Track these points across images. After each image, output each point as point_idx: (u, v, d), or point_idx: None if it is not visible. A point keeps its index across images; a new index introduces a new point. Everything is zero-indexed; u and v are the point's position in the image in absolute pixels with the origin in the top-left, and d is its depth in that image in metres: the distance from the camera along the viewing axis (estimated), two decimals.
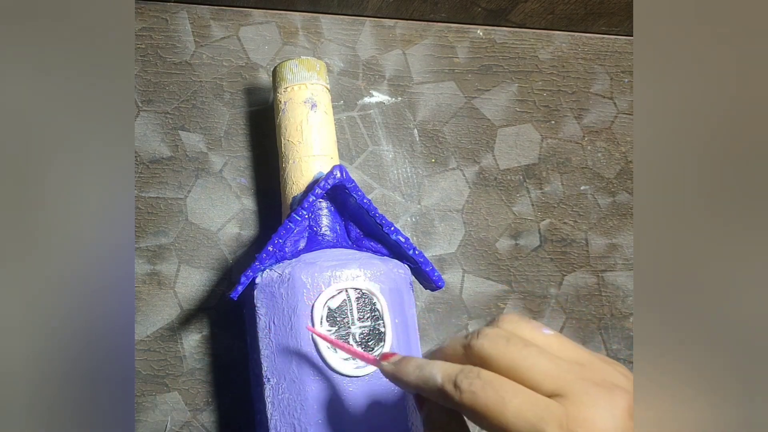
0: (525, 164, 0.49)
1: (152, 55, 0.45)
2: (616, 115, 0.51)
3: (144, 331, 0.41)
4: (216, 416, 0.41)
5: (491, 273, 0.46)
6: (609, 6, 0.49)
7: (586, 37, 0.53)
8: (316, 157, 0.37)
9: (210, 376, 0.41)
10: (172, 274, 0.42)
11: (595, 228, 0.49)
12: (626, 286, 0.48)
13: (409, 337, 0.35)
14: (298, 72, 0.38)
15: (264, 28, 0.47)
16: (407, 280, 0.36)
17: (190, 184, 0.43)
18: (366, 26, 0.49)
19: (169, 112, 0.44)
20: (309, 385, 0.32)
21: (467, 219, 0.47)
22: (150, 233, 0.42)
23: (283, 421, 0.33)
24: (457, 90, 0.49)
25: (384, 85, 0.48)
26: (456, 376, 0.23)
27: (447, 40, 0.50)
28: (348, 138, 0.46)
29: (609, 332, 0.47)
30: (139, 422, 0.40)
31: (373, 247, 0.37)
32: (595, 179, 0.50)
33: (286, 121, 0.38)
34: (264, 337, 0.34)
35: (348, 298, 0.34)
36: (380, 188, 0.46)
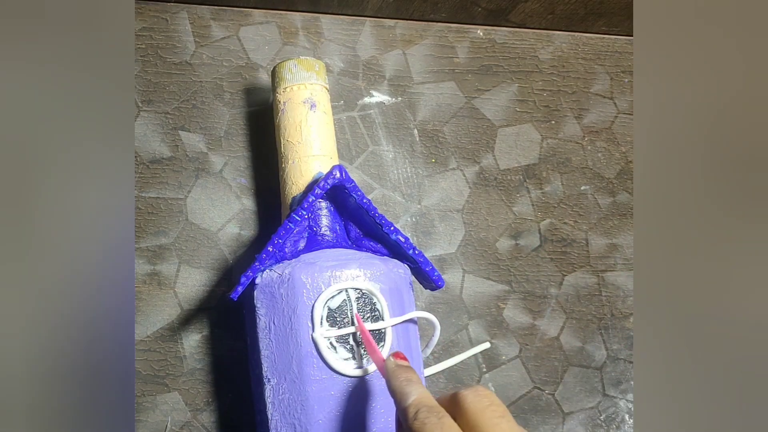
0: (525, 164, 0.49)
1: (152, 55, 0.45)
2: (616, 115, 0.51)
3: (144, 331, 0.41)
4: (216, 416, 0.41)
5: (491, 273, 0.46)
6: (609, 6, 0.49)
7: (586, 37, 0.53)
8: (315, 157, 0.37)
9: (210, 376, 0.41)
10: (172, 274, 0.42)
11: (595, 228, 0.49)
12: (626, 286, 0.48)
13: (409, 337, 0.35)
14: (297, 72, 0.38)
15: (264, 28, 0.47)
16: (407, 280, 0.36)
17: (190, 184, 0.43)
18: (366, 26, 0.49)
19: (169, 112, 0.44)
20: (309, 385, 0.32)
21: (467, 219, 0.47)
22: (150, 233, 0.42)
23: (283, 422, 0.33)
24: (457, 90, 0.49)
25: (384, 85, 0.48)
26: (422, 407, 0.25)
27: (447, 40, 0.50)
28: (348, 138, 0.46)
29: (609, 332, 0.47)
30: (139, 422, 0.40)
31: (373, 247, 0.37)
32: (595, 179, 0.50)
33: (285, 121, 0.38)
34: (264, 337, 0.34)
35: (348, 298, 0.34)
36: (380, 188, 0.46)
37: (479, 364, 0.44)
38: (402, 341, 0.34)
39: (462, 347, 0.44)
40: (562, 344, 0.46)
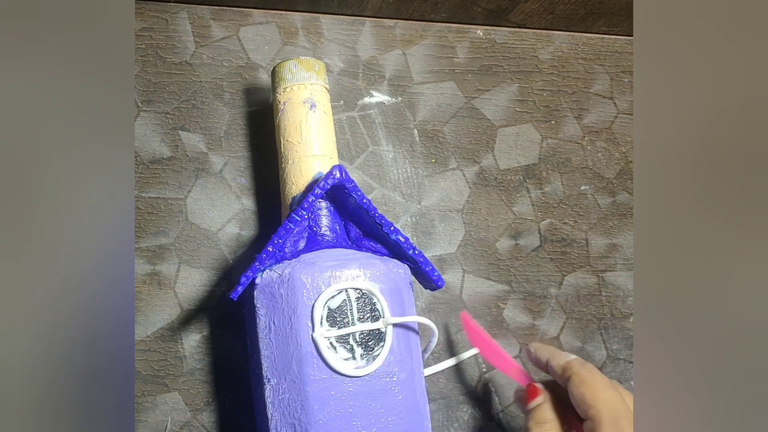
0: (525, 164, 0.49)
1: (152, 55, 0.45)
2: (616, 115, 0.51)
3: (144, 331, 0.41)
4: (216, 416, 0.41)
5: (491, 273, 0.46)
6: (609, 6, 0.49)
7: (586, 37, 0.53)
8: (315, 157, 0.37)
9: (210, 376, 0.41)
10: (172, 274, 0.42)
11: (595, 228, 0.49)
12: (626, 286, 0.48)
13: (409, 337, 0.35)
14: (297, 72, 0.38)
15: (264, 28, 0.47)
16: (407, 280, 0.36)
17: (190, 184, 0.43)
18: (366, 26, 0.49)
19: (169, 112, 0.44)
20: (309, 385, 0.32)
21: (467, 219, 0.47)
22: (150, 233, 0.42)
23: (283, 422, 0.33)
24: (457, 90, 0.49)
25: (384, 85, 0.48)
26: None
27: (447, 40, 0.50)
28: (348, 138, 0.46)
29: (609, 332, 0.47)
30: (139, 422, 0.40)
31: (373, 247, 0.37)
32: (595, 179, 0.50)
33: (285, 121, 0.38)
34: (264, 337, 0.34)
35: (348, 298, 0.34)
36: (380, 188, 0.46)
37: (479, 364, 0.44)
38: (402, 342, 0.34)
39: (462, 347, 0.44)
40: (562, 344, 0.46)
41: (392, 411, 0.33)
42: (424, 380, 0.36)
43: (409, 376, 0.34)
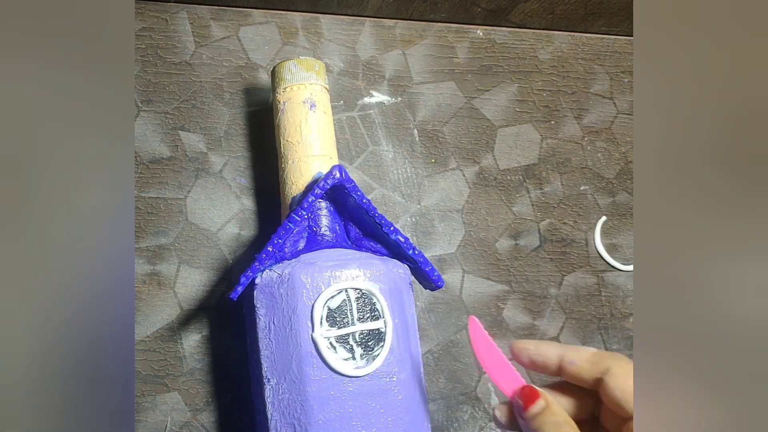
0: (525, 164, 0.49)
1: (152, 55, 0.45)
2: (616, 115, 0.51)
3: (144, 331, 0.41)
4: (216, 416, 0.41)
5: (491, 273, 0.46)
6: (609, 6, 0.49)
7: (586, 37, 0.53)
8: (315, 157, 0.37)
9: (210, 376, 0.41)
10: (172, 274, 0.42)
11: (594, 228, 0.49)
12: (626, 286, 0.48)
13: (409, 337, 0.35)
14: (296, 72, 0.38)
15: (264, 28, 0.47)
16: (407, 280, 0.36)
17: (190, 184, 0.43)
18: (366, 26, 0.49)
19: (169, 112, 0.44)
20: (309, 385, 0.32)
21: (467, 219, 0.47)
22: (150, 233, 0.42)
23: (283, 422, 0.33)
24: (457, 90, 0.49)
25: (384, 85, 0.48)
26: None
27: (447, 40, 0.50)
28: (348, 138, 0.46)
29: (609, 332, 0.47)
30: (139, 422, 0.40)
31: (373, 247, 0.37)
32: (595, 179, 0.50)
33: (285, 121, 0.38)
34: (264, 337, 0.34)
35: (348, 298, 0.34)
36: (380, 188, 0.46)
37: (479, 364, 0.44)
38: (402, 342, 0.34)
39: (462, 347, 0.44)
40: None
41: (392, 411, 0.33)
42: (424, 380, 0.36)
43: (409, 376, 0.34)
